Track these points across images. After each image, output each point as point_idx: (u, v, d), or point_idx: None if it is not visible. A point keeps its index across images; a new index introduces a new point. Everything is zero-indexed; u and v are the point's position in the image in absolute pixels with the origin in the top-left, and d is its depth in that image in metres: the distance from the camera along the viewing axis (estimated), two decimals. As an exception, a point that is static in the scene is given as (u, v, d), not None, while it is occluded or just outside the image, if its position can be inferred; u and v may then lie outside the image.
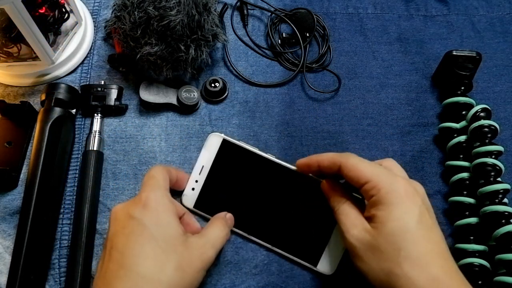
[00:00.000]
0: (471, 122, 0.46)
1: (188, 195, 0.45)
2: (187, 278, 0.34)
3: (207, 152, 0.46)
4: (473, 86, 0.51)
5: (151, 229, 0.35)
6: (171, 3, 0.44)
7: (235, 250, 0.45)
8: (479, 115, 0.46)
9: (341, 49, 0.56)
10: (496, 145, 0.45)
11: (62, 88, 0.47)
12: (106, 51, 0.54)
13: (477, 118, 0.46)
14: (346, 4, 0.59)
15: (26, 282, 0.40)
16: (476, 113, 0.46)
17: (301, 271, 0.44)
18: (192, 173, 0.46)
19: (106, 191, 0.46)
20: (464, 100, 0.49)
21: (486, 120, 0.46)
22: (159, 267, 0.33)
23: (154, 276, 0.33)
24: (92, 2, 0.56)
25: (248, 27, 0.57)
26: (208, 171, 0.45)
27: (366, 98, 0.53)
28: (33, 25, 0.44)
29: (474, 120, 0.46)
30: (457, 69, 0.50)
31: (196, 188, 0.45)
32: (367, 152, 0.50)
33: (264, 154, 0.45)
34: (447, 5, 0.60)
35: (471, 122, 0.47)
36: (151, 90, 0.49)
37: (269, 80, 0.53)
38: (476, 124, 0.46)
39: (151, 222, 0.35)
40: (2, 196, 0.45)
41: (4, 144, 0.47)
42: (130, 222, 0.35)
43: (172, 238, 0.35)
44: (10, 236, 0.44)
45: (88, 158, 0.46)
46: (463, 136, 0.47)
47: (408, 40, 0.57)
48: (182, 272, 0.34)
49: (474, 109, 0.47)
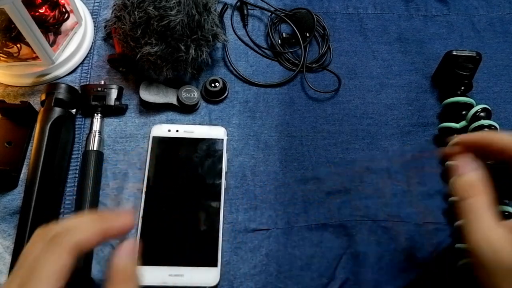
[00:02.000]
0: (471, 122, 0.47)
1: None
2: None
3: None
4: (473, 86, 0.51)
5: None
6: (171, 3, 0.44)
7: (234, 250, 0.45)
8: (479, 115, 0.46)
9: (341, 49, 0.56)
10: None
11: (62, 88, 0.47)
12: (106, 51, 0.54)
13: (477, 118, 0.46)
14: (346, 4, 0.59)
15: (26, 282, 0.40)
16: (476, 113, 0.46)
17: (299, 271, 0.44)
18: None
19: (106, 191, 0.46)
20: (464, 100, 0.49)
21: (486, 120, 0.46)
22: None
23: None
24: (92, 2, 0.56)
25: (248, 27, 0.57)
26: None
27: (366, 98, 0.53)
28: (33, 25, 0.44)
29: (474, 120, 0.46)
30: (457, 69, 0.50)
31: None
32: (367, 152, 0.50)
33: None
34: (447, 5, 0.60)
35: (471, 122, 0.47)
36: (151, 90, 0.49)
37: (269, 80, 0.53)
38: (476, 124, 0.46)
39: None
40: (2, 196, 0.45)
41: (4, 144, 0.47)
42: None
43: None
44: (10, 236, 0.44)
45: (88, 158, 0.46)
46: None
47: (408, 40, 0.57)
48: None
49: (474, 109, 0.47)
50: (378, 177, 0.49)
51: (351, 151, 0.50)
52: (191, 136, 0.48)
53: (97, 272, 0.43)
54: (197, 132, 0.48)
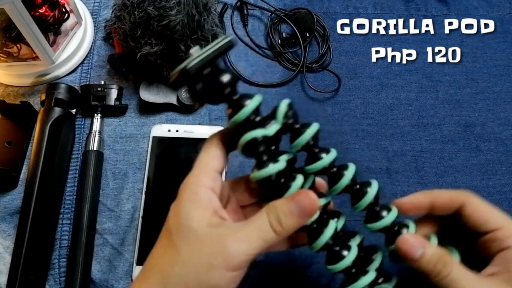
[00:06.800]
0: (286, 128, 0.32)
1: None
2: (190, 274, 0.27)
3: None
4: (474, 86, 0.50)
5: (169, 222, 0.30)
6: (171, 3, 0.44)
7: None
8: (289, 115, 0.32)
9: (341, 49, 0.56)
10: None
11: (62, 88, 0.47)
12: (106, 51, 0.54)
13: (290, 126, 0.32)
14: (346, 4, 0.59)
15: (26, 282, 0.40)
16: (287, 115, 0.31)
17: (299, 271, 0.44)
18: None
19: (106, 191, 0.46)
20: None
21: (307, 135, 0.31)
22: (167, 259, 0.29)
23: (162, 267, 0.29)
24: (92, 2, 0.56)
25: (248, 27, 0.57)
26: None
27: (366, 98, 0.53)
28: (33, 25, 0.44)
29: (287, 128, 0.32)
30: None
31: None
32: (367, 152, 0.50)
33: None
34: (447, 5, 0.60)
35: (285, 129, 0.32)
36: (151, 90, 0.49)
37: (269, 80, 0.53)
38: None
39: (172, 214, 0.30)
40: (2, 196, 0.45)
41: (4, 144, 0.47)
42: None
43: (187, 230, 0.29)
44: (10, 236, 0.44)
45: (88, 158, 0.46)
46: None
47: (408, 40, 0.57)
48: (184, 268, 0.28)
49: (282, 105, 0.31)
50: (378, 177, 0.49)
51: (351, 151, 0.50)
52: (191, 136, 0.48)
53: (97, 272, 0.43)
54: (197, 132, 0.48)
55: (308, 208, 0.28)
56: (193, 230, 0.28)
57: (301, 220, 0.28)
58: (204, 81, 0.28)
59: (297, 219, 0.28)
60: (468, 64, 0.56)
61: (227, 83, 0.28)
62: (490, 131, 0.52)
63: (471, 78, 0.55)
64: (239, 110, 0.28)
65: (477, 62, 0.56)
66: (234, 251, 0.27)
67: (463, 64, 0.56)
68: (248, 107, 0.28)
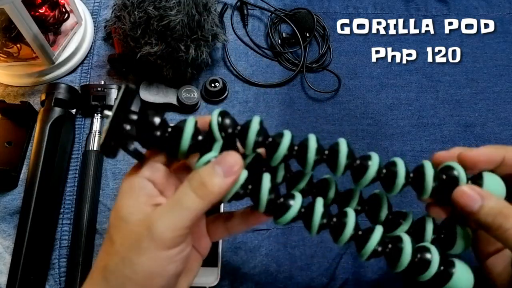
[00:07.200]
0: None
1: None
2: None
3: None
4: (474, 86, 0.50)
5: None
6: (171, 3, 0.44)
7: (234, 250, 0.45)
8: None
9: (341, 49, 0.56)
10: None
11: (62, 88, 0.47)
12: (106, 51, 0.54)
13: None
14: (346, 4, 0.59)
15: (26, 282, 0.40)
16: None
17: (299, 271, 0.44)
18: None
19: (106, 191, 0.46)
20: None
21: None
22: (106, 253, 0.29)
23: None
24: (92, 2, 0.56)
25: (248, 27, 0.57)
26: None
27: (366, 98, 0.53)
28: (33, 25, 0.44)
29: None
30: None
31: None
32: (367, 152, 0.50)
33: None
34: (447, 5, 0.60)
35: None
36: (151, 90, 0.49)
37: (269, 80, 0.53)
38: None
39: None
40: (2, 196, 0.45)
41: (4, 144, 0.47)
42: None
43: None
44: (10, 236, 0.44)
45: (88, 158, 0.46)
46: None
47: (408, 40, 0.57)
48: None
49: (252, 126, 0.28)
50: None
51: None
52: None
53: (97, 272, 0.43)
54: None
55: (232, 165, 0.27)
56: (124, 220, 0.28)
57: (227, 180, 0.27)
58: (133, 137, 0.27)
59: (222, 179, 0.27)
60: (468, 64, 0.56)
61: (155, 127, 0.27)
62: (490, 131, 0.52)
63: (471, 78, 0.55)
64: (179, 141, 0.27)
65: (477, 62, 0.56)
66: (159, 227, 0.26)
67: (463, 64, 0.56)
68: (184, 138, 0.27)
